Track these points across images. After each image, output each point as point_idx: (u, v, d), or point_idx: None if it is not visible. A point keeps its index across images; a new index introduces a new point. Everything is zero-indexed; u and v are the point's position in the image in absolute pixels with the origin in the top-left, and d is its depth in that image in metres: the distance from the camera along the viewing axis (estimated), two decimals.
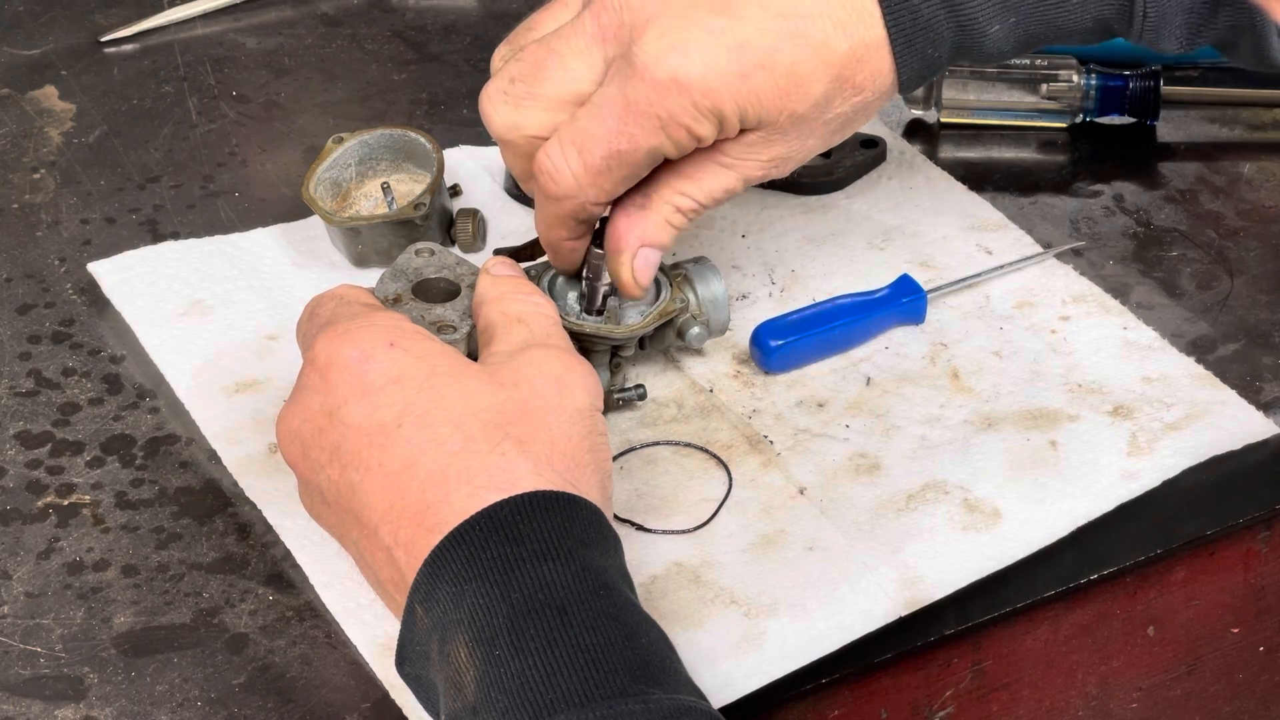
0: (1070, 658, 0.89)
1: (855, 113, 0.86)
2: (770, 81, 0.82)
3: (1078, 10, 0.85)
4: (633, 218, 0.87)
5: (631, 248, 0.87)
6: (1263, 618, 0.93)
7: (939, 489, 0.88)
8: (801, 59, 0.82)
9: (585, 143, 0.83)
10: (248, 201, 1.07)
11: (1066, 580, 0.86)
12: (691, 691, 0.72)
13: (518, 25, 0.90)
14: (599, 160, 0.83)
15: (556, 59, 0.84)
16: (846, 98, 0.84)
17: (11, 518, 0.87)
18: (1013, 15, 0.84)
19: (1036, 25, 0.85)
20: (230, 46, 1.21)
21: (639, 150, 0.83)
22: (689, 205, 0.86)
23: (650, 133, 0.82)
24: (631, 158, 0.83)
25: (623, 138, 0.82)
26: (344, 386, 0.78)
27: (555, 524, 0.73)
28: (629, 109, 0.82)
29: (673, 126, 0.82)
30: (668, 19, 0.81)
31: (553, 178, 0.84)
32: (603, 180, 0.84)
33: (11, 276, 1.02)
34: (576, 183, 0.83)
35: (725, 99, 0.81)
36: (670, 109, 0.81)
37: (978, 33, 0.84)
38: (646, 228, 0.86)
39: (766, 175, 0.86)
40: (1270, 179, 1.09)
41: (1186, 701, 0.93)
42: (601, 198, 0.85)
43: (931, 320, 0.98)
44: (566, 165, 0.83)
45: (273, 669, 0.81)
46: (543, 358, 0.80)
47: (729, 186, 0.86)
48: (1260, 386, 0.94)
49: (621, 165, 0.83)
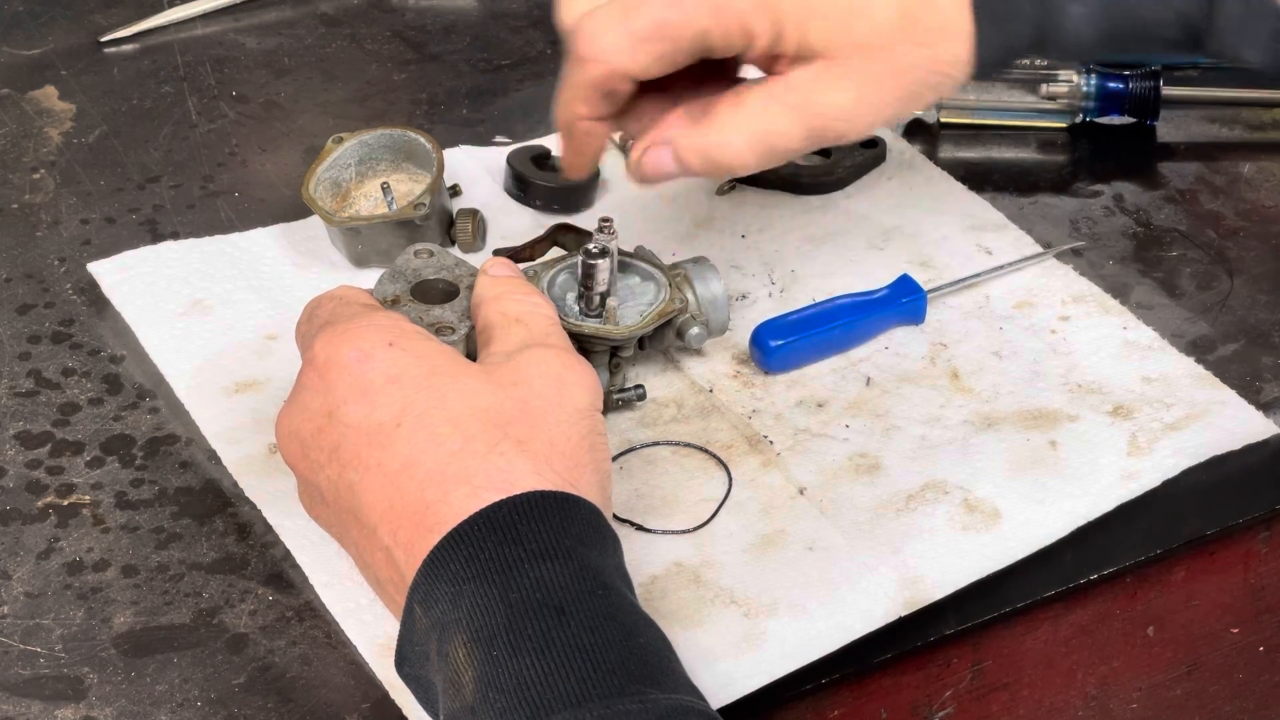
0: (1070, 658, 0.89)
1: (927, 73, 0.83)
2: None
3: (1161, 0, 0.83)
4: (681, 123, 0.84)
5: (660, 142, 0.85)
6: (1263, 618, 0.93)
7: (939, 489, 0.88)
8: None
9: (634, 9, 0.81)
10: (248, 201, 1.07)
11: (1066, 580, 0.86)
12: (689, 691, 0.71)
13: None
14: (644, 26, 0.81)
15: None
16: (917, 43, 0.82)
17: (11, 518, 0.87)
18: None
19: (1118, 11, 0.83)
20: (230, 46, 1.21)
21: (687, 25, 0.81)
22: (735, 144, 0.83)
23: (703, 12, 0.81)
24: (677, 31, 0.81)
25: (675, 8, 0.81)
26: (343, 386, 0.78)
27: (554, 524, 0.73)
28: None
29: (727, 12, 0.81)
30: None
31: (591, 35, 0.82)
32: (641, 49, 0.81)
33: (11, 276, 1.02)
34: (614, 44, 0.81)
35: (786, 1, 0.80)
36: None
37: (1058, 8, 0.82)
38: (686, 140, 0.84)
39: (829, 129, 0.84)
40: (1270, 179, 1.09)
41: (1186, 701, 0.93)
42: (634, 68, 0.82)
43: (931, 320, 0.98)
44: (608, 27, 0.81)
45: (273, 669, 0.81)
46: (542, 357, 0.80)
47: (787, 130, 0.83)
48: (1260, 386, 0.94)
49: (666, 37, 0.81)
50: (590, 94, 0.84)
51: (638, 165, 0.86)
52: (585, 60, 0.82)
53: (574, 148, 0.87)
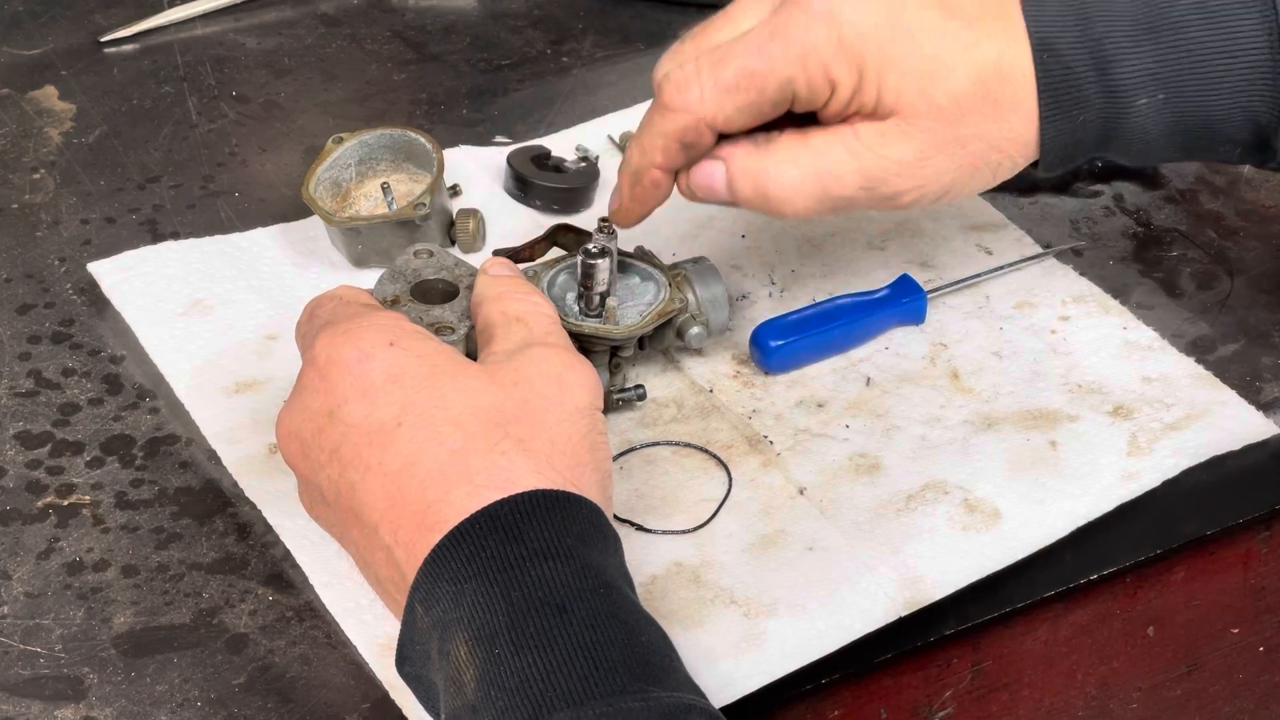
0: (1070, 658, 0.89)
1: (989, 148, 0.84)
2: (915, 55, 0.82)
3: (1228, 97, 0.83)
4: (744, 146, 0.85)
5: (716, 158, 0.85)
6: (1263, 618, 0.93)
7: (939, 489, 0.88)
8: (949, 49, 0.82)
9: (722, 60, 0.83)
10: (248, 201, 1.07)
11: (1066, 580, 0.86)
12: (691, 690, 0.72)
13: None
14: (731, 76, 0.83)
15: (725, 17, 0.86)
16: (985, 115, 0.83)
17: (11, 518, 0.87)
18: (1162, 90, 0.83)
19: (1187, 107, 0.83)
20: (230, 46, 1.21)
21: (772, 75, 0.82)
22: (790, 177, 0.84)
23: (790, 61, 0.82)
24: (763, 81, 0.82)
25: (761, 57, 0.82)
26: (344, 386, 0.78)
27: (555, 523, 0.73)
28: (776, 31, 0.82)
29: (813, 60, 0.82)
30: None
31: (678, 85, 0.83)
32: (727, 99, 0.83)
33: (11, 276, 1.02)
34: (701, 94, 0.83)
35: (870, 52, 0.82)
36: (816, 40, 0.81)
37: (1125, 102, 0.83)
38: (738, 158, 0.85)
39: (885, 180, 0.84)
40: (1270, 179, 1.09)
41: (1186, 701, 0.93)
42: (719, 119, 0.83)
43: (931, 320, 0.98)
44: (697, 76, 0.83)
45: (273, 669, 0.81)
46: (543, 356, 0.80)
47: (843, 174, 0.84)
48: (1260, 386, 0.94)
49: (751, 88, 0.83)
50: (671, 144, 0.85)
51: (688, 178, 0.87)
52: (672, 109, 0.84)
53: (637, 197, 0.88)
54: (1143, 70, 0.83)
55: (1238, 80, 0.83)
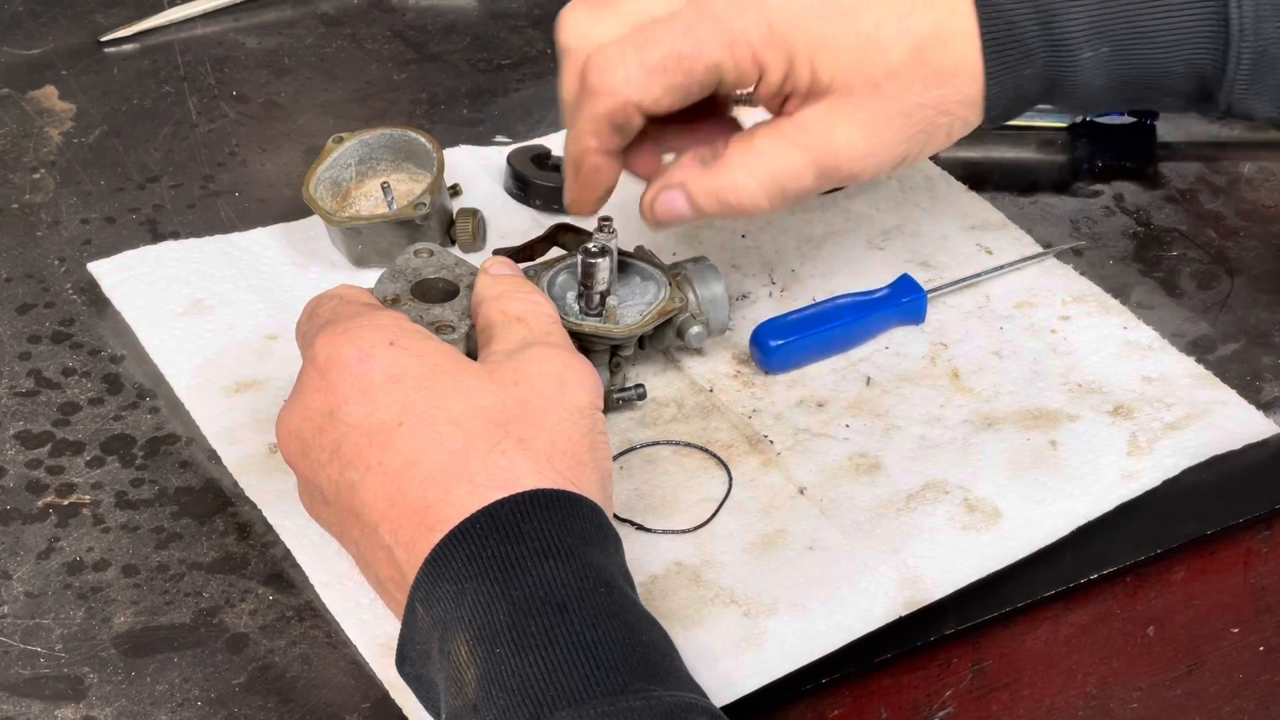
0: (1070, 658, 0.89)
1: (936, 113, 0.84)
2: (848, 32, 0.81)
3: (1172, 51, 0.83)
4: (694, 168, 0.86)
5: (673, 185, 0.86)
6: (1263, 618, 0.93)
7: (939, 489, 0.88)
8: (883, 21, 0.81)
9: (648, 41, 0.82)
10: (248, 201, 1.07)
11: (1066, 580, 0.86)
12: (692, 689, 0.72)
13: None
14: (658, 58, 0.82)
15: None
16: (927, 84, 0.83)
17: (11, 518, 0.87)
18: (1106, 43, 0.83)
19: (1129, 65, 0.84)
20: (230, 46, 1.21)
21: (700, 58, 0.82)
22: (748, 186, 0.85)
23: (717, 45, 0.81)
24: (690, 64, 0.82)
25: (689, 40, 0.81)
26: (344, 385, 0.78)
27: (555, 522, 0.73)
28: (703, 16, 0.81)
29: (741, 45, 0.81)
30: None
31: (602, 70, 0.82)
32: (655, 80, 0.82)
33: (11, 276, 1.02)
34: (626, 76, 0.82)
35: (800, 34, 0.81)
36: (745, 26, 0.81)
37: (1070, 55, 0.83)
38: (698, 183, 0.85)
39: (838, 167, 0.85)
40: (1270, 179, 1.09)
41: (1186, 701, 0.93)
42: (647, 101, 0.83)
43: (931, 320, 0.98)
44: (622, 59, 0.82)
45: (273, 669, 0.81)
46: (543, 355, 0.80)
47: (797, 169, 0.84)
48: (1260, 386, 0.94)
49: (679, 70, 0.82)
50: (601, 126, 0.84)
51: (650, 208, 0.87)
52: (598, 93, 0.83)
53: (582, 183, 0.88)
54: (1086, 23, 0.83)
55: (1181, 33, 0.83)
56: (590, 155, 0.86)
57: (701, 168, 0.86)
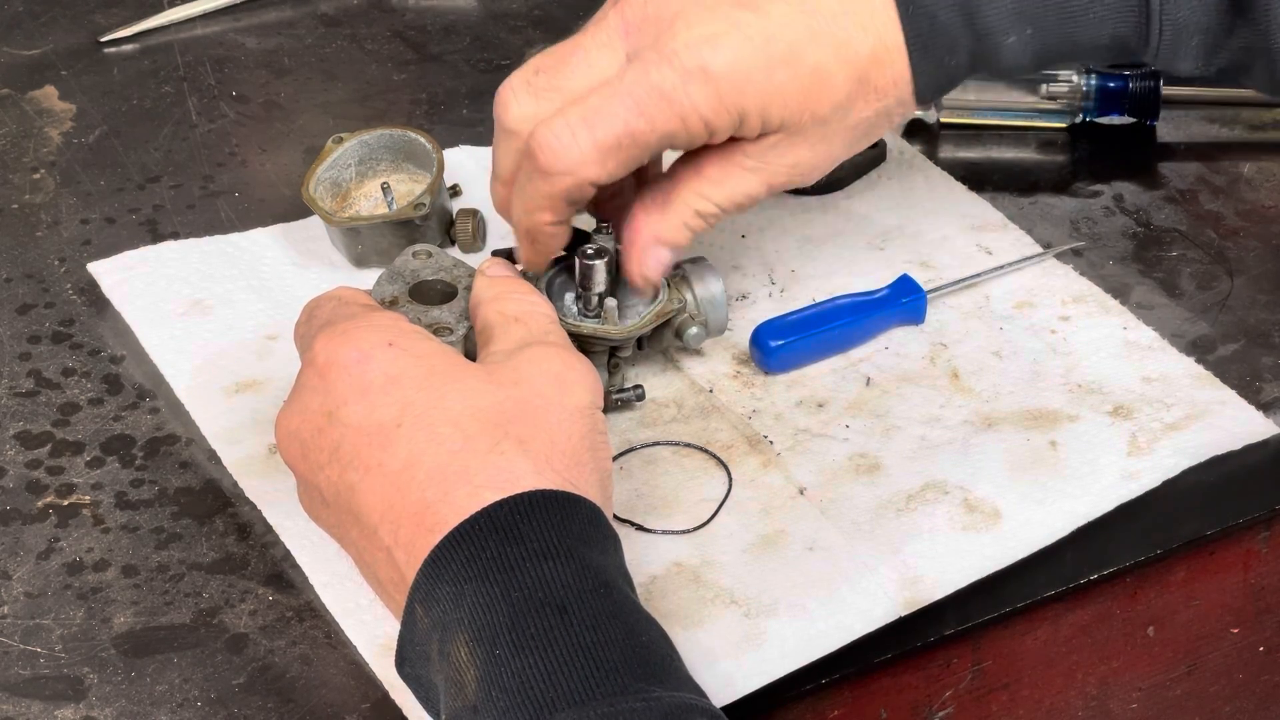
0: (1070, 658, 0.88)
1: (877, 117, 0.85)
2: (794, 79, 0.82)
3: (1094, 26, 0.84)
4: (652, 215, 0.87)
5: (646, 244, 0.87)
6: (1263, 618, 0.93)
7: (939, 489, 0.88)
8: (825, 59, 0.82)
9: (598, 119, 0.82)
10: (248, 201, 1.07)
11: (1066, 580, 0.86)
12: (692, 689, 0.71)
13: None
14: (611, 137, 0.82)
15: (581, 53, 0.84)
16: (869, 101, 0.84)
17: (11, 518, 0.87)
18: (1029, 26, 0.84)
19: (1053, 39, 0.85)
20: (230, 46, 1.21)
21: (653, 133, 0.82)
22: (709, 209, 0.86)
23: (669, 118, 0.82)
24: (644, 139, 0.82)
25: (641, 118, 0.82)
26: (343, 386, 0.78)
27: (555, 523, 0.73)
28: (652, 92, 0.81)
29: (692, 117, 0.82)
30: (695, 11, 0.82)
31: (555, 151, 0.82)
32: (609, 158, 0.83)
33: (11, 276, 1.02)
34: (581, 158, 0.82)
35: (749, 94, 0.82)
36: (694, 99, 0.81)
37: (994, 42, 0.84)
38: (664, 227, 0.86)
39: (790, 182, 0.86)
40: (1270, 179, 1.09)
41: (1186, 701, 0.93)
42: (602, 177, 0.83)
43: (931, 320, 0.98)
44: (573, 139, 0.82)
45: (273, 669, 0.81)
46: (542, 355, 0.80)
47: (751, 192, 0.86)
48: (1260, 386, 0.94)
49: (633, 145, 0.82)
50: (557, 203, 0.85)
51: (643, 275, 0.88)
52: (552, 173, 0.83)
53: (538, 250, 0.88)
54: (1008, 11, 0.83)
55: (1102, 10, 0.84)
56: (544, 227, 0.86)
57: (660, 211, 0.87)
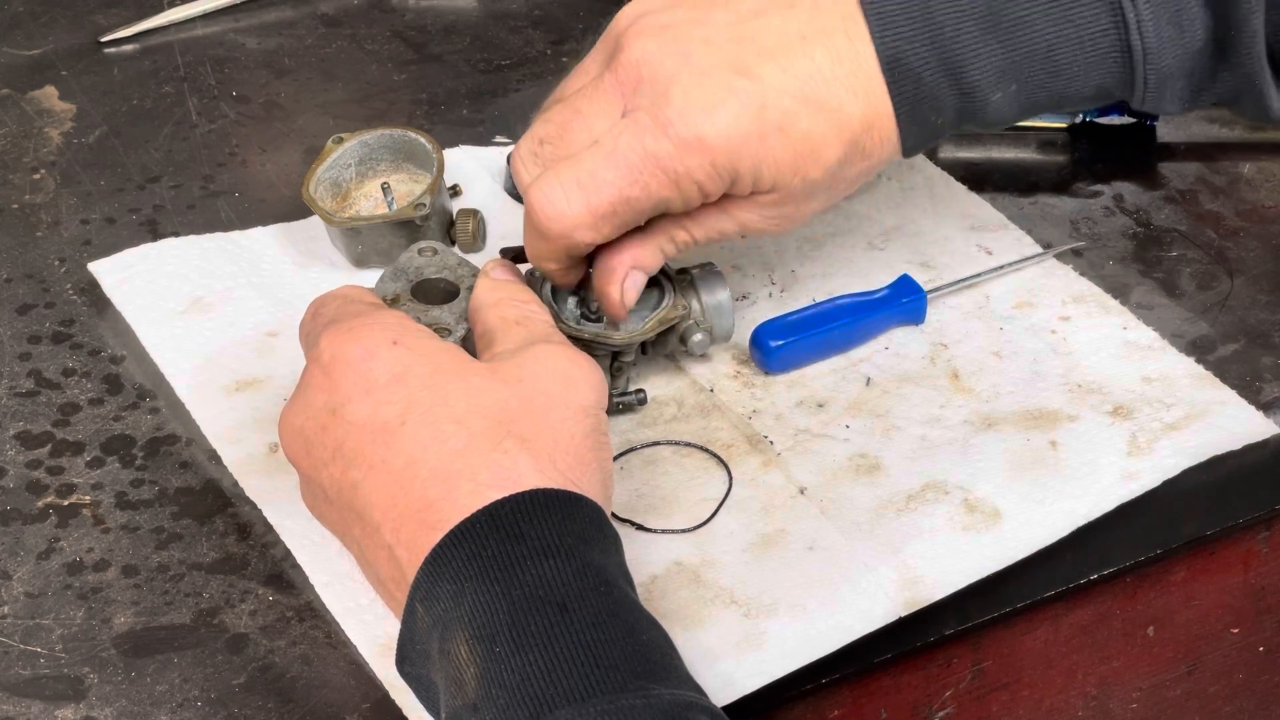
0: (1070, 658, 0.89)
1: (859, 175, 0.87)
2: (787, 146, 0.83)
3: (1080, 79, 0.85)
4: (633, 241, 0.87)
5: (623, 270, 0.87)
6: (1263, 618, 0.93)
7: (939, 489, 0.88)
8: (818, 126, 0.83)
9: (594, 186, 0.83)
10: (248, 201, 1.07)
11: (1066, 580, 0.86)
12: (692, 688, 0.72)
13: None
14: (606, 204, 0.83)
15: (580, 119, 0.85)
16: (855, 163, 0.85)
17: (11, 518, 0.87)
18: (1014, 82, 0.84)
19: (1039, 93, 0.85)
20: (230, 46, 1.21)
21: (648, 200, 0.83)
22: (685, 238, 0.87)
23: (664, 185, 0.83)
24: (639, 205, 0.84)
25: (636, 186, 0.83)
26: (348, 384, 0.78)
27: (556, 522, 0.73)
28: (648, 160, 0.82)
29: (687, 183, 0.83)
30: (690, 77, 0.82)
31: (552, 217, 0.84)
32: (604, 224, 0.84)
33: (11, 276, 1.02)
34: (576, 223, 0.84)
35: (743, 161, 0.83)
36: (689, 166, 0.82)
37: (980, 99, 0.85)
38: (640, 252, 0.87)
39: (765, 231, 0.87)
40: (1270, 179, 1.09)
41: (1186, 701, 0.93)
42: (597, 239, 0.85)
43: (931, 320, 0.98)
44: (568, 204, 0.83)
45: (273, 669, 0.81)
46: (547, 353, 0.81)
47: (726, 231, 0.87)
48: (1260, 386, 0.94)
49: (628, 211, 0.84)
50: (559, 257, 0.86)
51: (623, 304, 0.88)
52: (550, 236, 0.85)
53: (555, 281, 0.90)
54: (994, 69, 0.84)
55: (1086, 64, 0.84)
56: (554, 271, 0.88)
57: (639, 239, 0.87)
